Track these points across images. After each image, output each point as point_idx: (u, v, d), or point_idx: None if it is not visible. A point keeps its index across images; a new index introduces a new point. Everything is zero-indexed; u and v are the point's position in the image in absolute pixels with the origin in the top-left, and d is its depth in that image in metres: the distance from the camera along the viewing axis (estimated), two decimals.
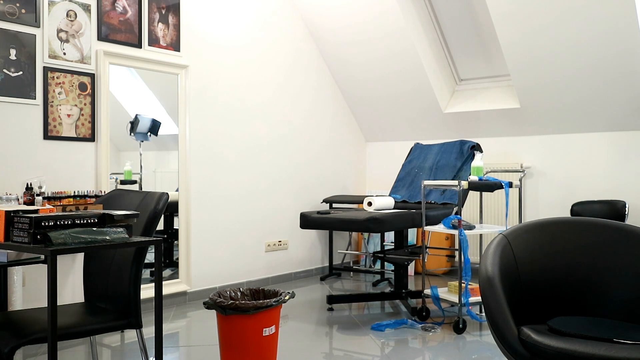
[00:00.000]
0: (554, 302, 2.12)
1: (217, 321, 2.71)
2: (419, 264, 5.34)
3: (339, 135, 5.76)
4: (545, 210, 4.90)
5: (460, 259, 3.51)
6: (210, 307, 2.69)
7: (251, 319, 2.62)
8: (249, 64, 4.82)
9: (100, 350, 3.22)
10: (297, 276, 5.25)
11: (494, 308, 1.91)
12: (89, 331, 2.09)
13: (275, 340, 2.73)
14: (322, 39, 5.42)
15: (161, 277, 2.11)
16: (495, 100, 5.10)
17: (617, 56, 4.16)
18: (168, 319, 3.84)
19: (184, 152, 4.26)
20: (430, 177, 4.28)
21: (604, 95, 4.45)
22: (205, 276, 4.42)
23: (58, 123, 3.55)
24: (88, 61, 3.69)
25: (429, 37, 5.14)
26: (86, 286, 2.43)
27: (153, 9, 4.06)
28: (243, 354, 2.63)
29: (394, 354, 3.16)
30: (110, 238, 1.90)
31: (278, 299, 2.71)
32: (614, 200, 4.43)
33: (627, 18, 3.94)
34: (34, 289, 3.33)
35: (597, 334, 1.80)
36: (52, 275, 1.74)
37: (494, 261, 2.05)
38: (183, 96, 4.25)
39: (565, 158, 4.84)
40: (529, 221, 2.27)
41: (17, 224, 1.83)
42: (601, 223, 2.21)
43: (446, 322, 3.71)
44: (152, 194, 2.31)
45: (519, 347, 1.83)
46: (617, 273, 2.11)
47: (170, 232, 4.33)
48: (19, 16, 3.36)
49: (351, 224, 3.70)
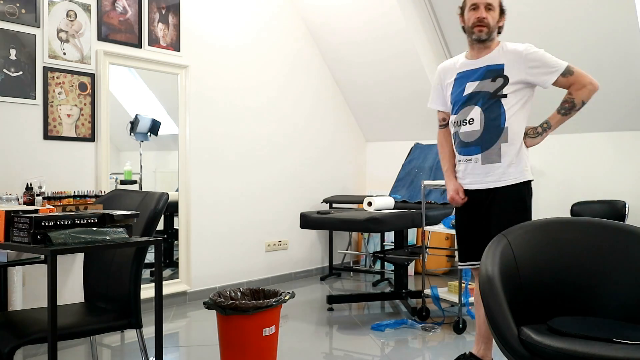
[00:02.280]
0: (554, 302, 2.12)
1: (217, 321, 2.71)
2: (419, 264, 5.34)
3: (339, 136, 5.76)
4: (545, 210, 4.89)
5: None
6: (210, 307, 2.69)
7: (251, 319, 2.62)
8: (249, 63, 4.82)
9: (100, 350, 3.22)
10: (297, 276, 5.25)
11: (494, 308, 1.90)
12: (89, 331, 2.10)
13: (275, 340, 2.73)
14: (323, 40, 5.42)
15: (161, 277, 2.11)
16: None
17: (618, 56, 4.16)
18: (168, 319, 3.84)
19: (184, 152, 4.26)
20: (430, 177, 4.28)
21: (604, 95, 4.43)
22: (205, 276, 4.42)
23: (58, 123, 3.55)
24: (88, 61, 3.69)
25: (430, 38, 5.14)
26: (86, 286, 2.43)
27: (153, 9, 4.06)
28: (243, 354, 2.63)
29: (394, 354, 3.16)
30: (110, 238, 1.90)
31: (278, 299, 2.71)
32: (614, 200, 4.43)
33: (627, 18, 3.93)
34: (34, 289, 3.33)
35: (597, 334, 1.80)
36: (52, 275, 1.74)
37: (494, 261, 2.04)
38: (183, 96, 4.25)
39: (565, 158, 4.84)
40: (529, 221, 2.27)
41: (17, 224, 1.83)
42: (601, 223, 2.21)
43: (446, 322, 3.71)
44: (152, 194, 2.31)
45: (519, 347, 1.83)
46: (617, 273, 2.11)
47: (170, 232, 4.33)
48: (19, 16, 3.36)
49: (351, 224, 3.70)
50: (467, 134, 2.55)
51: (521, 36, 4.38)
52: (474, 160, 2.54)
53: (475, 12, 2.50)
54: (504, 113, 2.50)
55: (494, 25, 2.52)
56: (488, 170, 2.53)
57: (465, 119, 2.54)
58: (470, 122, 2.52)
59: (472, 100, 2.53)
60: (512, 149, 2.52)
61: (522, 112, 2.54)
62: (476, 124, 2.51)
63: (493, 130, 2.50)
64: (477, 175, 2.55)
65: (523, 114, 2.56)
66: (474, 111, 2.51)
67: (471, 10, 2.52)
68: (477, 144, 2.53)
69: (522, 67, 2.50)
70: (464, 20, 2.58)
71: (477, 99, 2.52)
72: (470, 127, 2.52)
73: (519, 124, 2.54)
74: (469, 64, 2.60)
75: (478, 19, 2.49)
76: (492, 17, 2.50)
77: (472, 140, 2.54)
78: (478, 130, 2.51)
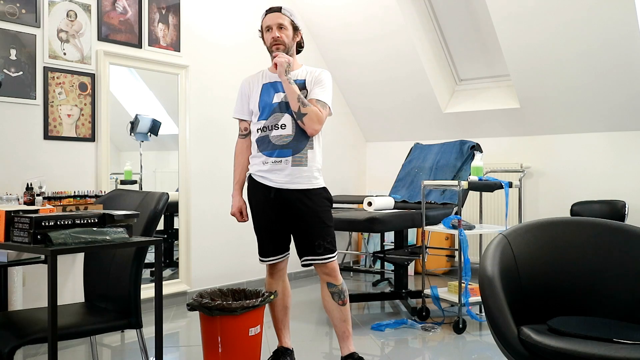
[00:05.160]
0: (554, 302, 2.12)
1: (201, 323, 2.68)
2: (419, 264, 5.34)
3: (339, 135, 5.76)
4: (545, 210, 4.90)
5: (460, 259, 3.51)
6: (194, 309, 2.65)
7: (238, 319, 2.61)
8: (249, 63, 4.81)
9: (100, 350, 3.22)
10: (297, 276, 5.25)
11: (494, 308, 1.91)
12: (89, 331, 2.10)
13: (259, 340, 2.73)
14: (322, 39, 5.43)
15: (161, 277, 2.11)
16: (495, 100, 5.10)
17: (617, 56, 4.16)
18: (168, 319, 3.84)
19: (184, 152, 4.26)
20: (430, 177, 4.28)
21: (604, 95, 4.45)
22: (205, 276, 4.42)
23: (58, 123, 3.55)
24: (88, 61, 3.69)
25: (429, 37, 5.14)
26: (86, 286, 2.43)
27: (153, 9, 4.06)
28: (229, 355, 2.61)
29: (394, 354, 3.16)
30: (110, 238, 1.90)
31: (264, 298, 2.70)
32: (613, 200, 4.43)
33: (627, 19, 3.94)
34: (34, 289, 3.33)
35: (596, 334, 1.81)
36: (52, 275, 1.75)
37: (493, 261, 2.05)
38: (183, 96, 4.25)
39: (565, 158, 4.84)
40: (528, 221, 2.27)
41: (18, 224, 1.83)
42: (601, 223, 2.21)
43: (446, 322, 3.71)
44: (152, 194, 2.31)
45: (519, 347, 1.83)
46: (617, 273, 2.11)
47: (170, 232, 4.33)
48: (19, 16, 3.36)
49: (351, 224, 3.70)
50: (279, 138, 2.71)
51: (521, 36, 4.39)
52: (285, 162, 2.69)
53: (269, 33, 2.73)
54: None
55: (289, 42, 2.74)
56: (297, 172, 2.70)
57: (276, 124, 2.71)
58: (283, 127, 2.70)
59: (285, 108, 2.70)
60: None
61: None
62: (289, 129, 2.69)
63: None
64: (287, 176, 2.68)
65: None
66: (285, 118, 2.69)
67: (267, 31, 2.75)
68: (290, 147, 2.70)
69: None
70: (264, 40, 2.79)
71: (288, 108, 2.69)
72: (283, 131, 2.69)
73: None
74: (273, 77, 2.78)
75: (273, 38, 2.71)
76: (286, 36, 2.72)
77: (284, 144, 2.70)
78: (291, 134, 2.69)
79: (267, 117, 2.71)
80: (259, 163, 2.74)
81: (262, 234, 2.82)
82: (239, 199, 2.87)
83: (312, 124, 2.65)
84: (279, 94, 2.72)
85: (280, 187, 2.69)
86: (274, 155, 2.69)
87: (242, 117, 2.84)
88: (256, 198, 2.77)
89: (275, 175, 2.69)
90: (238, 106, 2.86)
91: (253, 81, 2.83)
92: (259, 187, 2.74)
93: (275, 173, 2.69)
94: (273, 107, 2.71)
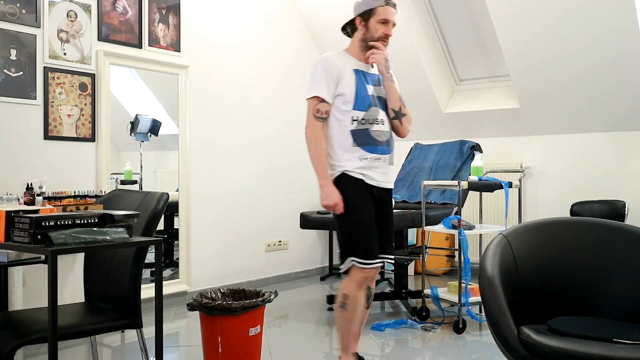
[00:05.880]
0: (554, 302, 2.12)
1: (201, 323, 2.69)
2: (419, 264, 5.34)
3: None
4: (545, 210, 4.90)
5: (460, 259, 3.51)
6: (194, 309, 2.64)
7: (238, 319, 2.61)
8: (249, 64, 4.82)
9: (101, 350, 3.22)
10: (297, 276, 5.25)
11: (493, 308, 1.91)
12: (89, 331, 2.10)
13: (259, 340, 2.73)
14: (322, 38, 5.42)
15: (161, 277, 2.11)
16: (495, 100, 5.10)
17: (617, 56, 4.16)
18: (168, 319, 3.84)
19: (184, 152, 4.26)
20: (430, 177, 4.28)
21: (604, 95, 4.45)
22: (205, 276, 4.42)
23: (58, 123, 3.55)
24: (88, 61, 3.69)
25: (429, 37, 5.13)
26: (86, 286, 2.43)
27: (153, 9, 4.07)
28: (229, 355, 2.62)
29: (394, 353, 3.16)
30: (110, 238, 1.90)
31: (264, 298, 2.70)
32: (613, 200, 4.43)
33: (627, 18, 3.94)
34: (34, 289, 3.33)
35: (596, 334, 1.81)
36: (53, 275, 1.75)
37: (493, 261, 2.05)
38: (183, 96, 4.25)
39: (565, 158, 4.84)
40: (528, 221, 2.27)
41: (18, 224, 1.84)
42: (601, 223, 2.22)
43: (446, 322, 3.71)
44: (152, 194, 2.31)
45: (519, 347, 1.83)
46: (617, 273, 2.11)
47: (170, 232, 4.33)
48: (19, 16, 3.36)
49: None
50: (379, 134, 2.61)
51: (521, 36, 4.39)
52: (383, 160, 2.63)
53: (384, 26, 2.62)
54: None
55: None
56: (389, 171, 2.67)
57: (376, 118, 2.61)
58: (382, 122, 2.62)
59: (378, 102, 2.63)
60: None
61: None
62: (386, 125, 2.64)
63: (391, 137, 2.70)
64: (384, 175, 2.64)
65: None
66: (381, 113, 2.62)
67: (381, 23, 2.63)
68: (387, 145, 2.64)
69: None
70: (367, 26, 2.65)
71: (381, 103, 2.64)
72: (383, 127, 2.62)
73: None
74: (362, 65, 2.67)
75: (386, 34, 2.63)
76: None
77: (384, 140, 2.62)
78: (388, 132, 2.64)
79: (367, 108, 2.56)
80: (354, 158, 2.56)
81: (371, 235, 2.58)
82: (334, 188, 2.54)
83: (409, 125, 2.63)
84: (369, 86, 2.59)
85: (378, 185, 2.60)
86: (375, 151, 2.57)
87: (329, 99, 2.58)
88: (359, 195, 2.57)
89: (372, 172, 2.58)
90: (323, 87, 2.57)
91: (342, 63, 2.60)
92: (359, 184, 2.57)
93: (373, 170, 2.58)
94: (369, 98, 2.57)
